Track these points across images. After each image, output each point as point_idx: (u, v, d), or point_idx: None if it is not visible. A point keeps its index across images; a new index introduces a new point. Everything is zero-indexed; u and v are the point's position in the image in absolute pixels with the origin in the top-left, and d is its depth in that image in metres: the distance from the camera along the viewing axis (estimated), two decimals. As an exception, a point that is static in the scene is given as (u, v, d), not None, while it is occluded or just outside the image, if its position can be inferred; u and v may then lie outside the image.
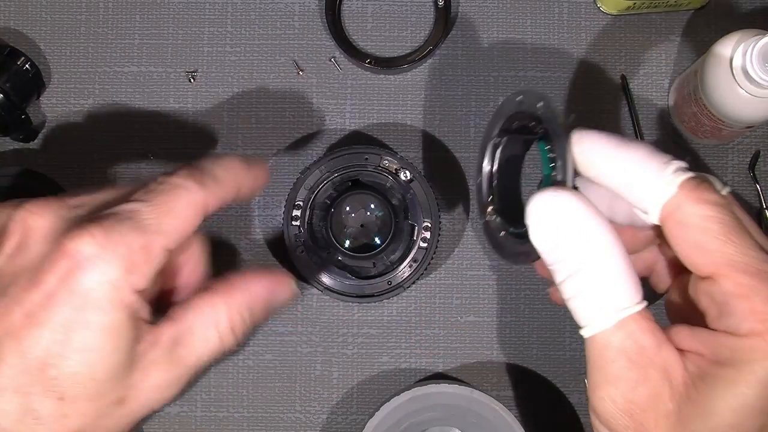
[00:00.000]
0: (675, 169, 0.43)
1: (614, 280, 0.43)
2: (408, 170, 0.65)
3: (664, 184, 0.43)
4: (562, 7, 0.71)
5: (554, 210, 0.43)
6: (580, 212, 0.43)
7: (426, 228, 0.65)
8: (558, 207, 0.43)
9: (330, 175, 0.65)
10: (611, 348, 0.43)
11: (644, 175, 0.43)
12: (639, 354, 0.42)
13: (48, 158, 0.70)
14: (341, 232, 0.66)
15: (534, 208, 0.43)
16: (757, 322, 0.41)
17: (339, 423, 0.69)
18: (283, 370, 0.69)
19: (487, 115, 0.70)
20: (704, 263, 0.42)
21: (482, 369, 0.69)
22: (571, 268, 0.43)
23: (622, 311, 0.43)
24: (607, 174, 0.44)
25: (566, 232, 0.43)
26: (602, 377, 0.43)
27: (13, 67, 0.67)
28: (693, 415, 0.42)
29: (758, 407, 0.41)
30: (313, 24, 0.71)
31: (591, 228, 0.43)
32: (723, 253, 0.42)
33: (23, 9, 0.71)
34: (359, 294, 0.65)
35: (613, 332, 0.43)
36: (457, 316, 0.69)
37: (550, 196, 0.43)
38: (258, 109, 0.70)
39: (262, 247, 0.70)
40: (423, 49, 0.70)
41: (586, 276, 0.43)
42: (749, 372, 0.41)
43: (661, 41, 0.70)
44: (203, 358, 0.47)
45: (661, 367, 0.42)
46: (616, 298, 0.43)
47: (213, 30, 0.71)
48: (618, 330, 0.43)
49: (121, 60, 0.70)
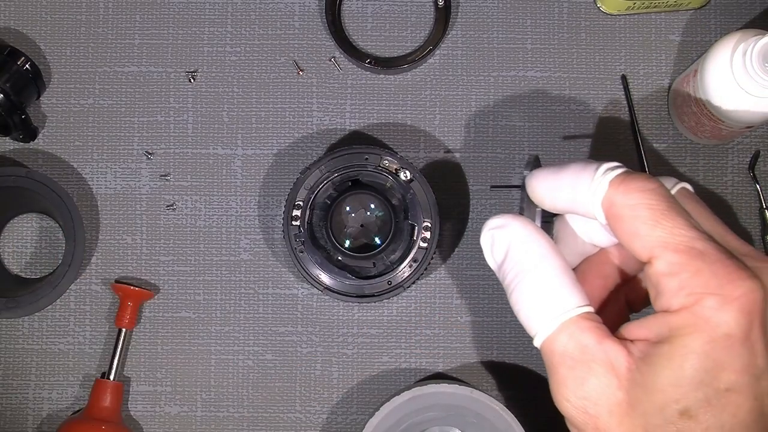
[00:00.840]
0: (604, 170, 0.45)
1: (551, 288, 0.46)
2: (408, 170, 0.65)
3: (596, 186, 0.45)
4: (562, 7, 0.71)
5: (497, 231, 0.48)
6: (517, 231, 0.47)
7: (426, 228, 0.65)
8: (499, 228, 0.48)
9: (330, 175, 0.65)
10: (556, 352, 0.45)
11: (581, 186, 0.46)
12: (581, 352, 0.45)
13: (48, 158, 0.70)
14: (341, 232, 0.66)
15: (483, 231, 0.49)
16: (685, 296, 0.42)
17: (339, 423, 0.69)
18: (283, 370, 0.69)
19: (487, 115, 0.70)
20: (639, 248, 0.44)
21: (482, 369, 0.69)
22: (513, 283, 0.47)
23: (561, 316, 0.45)
24: (557, 200, 0.48)
25: (507, 250, 0.47)
26: (555, 381, 0.46)
27: (13, 67, 0.67)
28: (641, 397, 0.43)
29: (697, 379, 0.42)
30: (313, 24, 0.71)
31: (526, 243, 0.47)
32: (653, 237, 0.43)
33: (23, 9, 0.71)
34: (359, 294, 0.65)
35: (555, 336, 0.45)
36: (457, 316, 0.69)
37: (493, 220, 0.48)
38: (258, 109, 0.70)
39: (262, 247, 0.70)
40: (423, 49, 0.70)
41: (526, 287, 0.46)
42: (682, 345, 0.42)
43: (661, 41, 0.70)
44: None
45: (603, 360, 0.44)
46: (554, 304, 0.46)
47: (213, 30, 0.71)
48: (560, 333, 0.45)
49: (121, 60, 0.70)
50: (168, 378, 0.69)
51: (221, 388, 0.69)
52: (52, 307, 0.69)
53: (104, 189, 0.70)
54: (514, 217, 0.48)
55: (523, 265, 0.47)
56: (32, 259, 0.70)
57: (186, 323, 0.69)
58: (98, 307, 0.69)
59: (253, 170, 0.70)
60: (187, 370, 0.69)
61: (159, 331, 0.69)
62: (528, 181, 0.49)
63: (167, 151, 0.70)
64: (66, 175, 0.70)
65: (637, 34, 0.70)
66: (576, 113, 0.70)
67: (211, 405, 0.69)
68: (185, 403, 0.69)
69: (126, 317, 0.68)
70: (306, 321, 0.69)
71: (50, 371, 0.69)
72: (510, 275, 0.47)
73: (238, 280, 0.69)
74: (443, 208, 0.69)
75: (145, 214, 0.70)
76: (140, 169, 0.70)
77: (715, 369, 0.42)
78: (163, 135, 0.70)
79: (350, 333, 0.69)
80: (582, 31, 0.71)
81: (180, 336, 0.69)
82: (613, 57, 0.70)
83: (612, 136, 0.70)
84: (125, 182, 0.70)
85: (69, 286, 0.67)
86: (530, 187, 0.49)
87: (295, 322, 0.69)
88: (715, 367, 0.42)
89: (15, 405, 0.69)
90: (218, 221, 0.70)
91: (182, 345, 0.69)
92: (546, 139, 0.70)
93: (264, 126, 0.70)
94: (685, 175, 0.70)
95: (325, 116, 0.70)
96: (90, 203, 0.70)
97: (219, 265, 0.70)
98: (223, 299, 0.69)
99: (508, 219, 0.48)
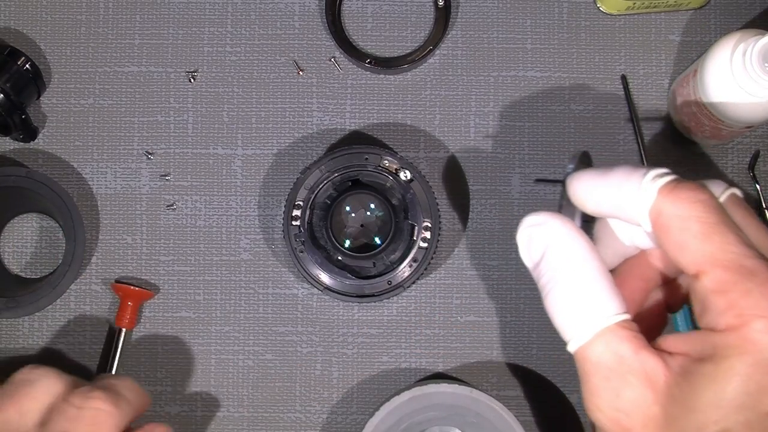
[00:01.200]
0: (653, 177, 0.44)
1: (589, 293, 0.44)
2: (408, 170, 0.65)
3: (644, 193, 0.44)
4: (562, 7, 0.71)
5: (535, 229, 0.46)
6: (556, 230, 0.46)
7: (426, 228, 0.65)
8: (538, 226, 0.46)
9: (330, 175, 0.65)
10: (591, 360, 0.44)
11: (628, 192, 0.45)
12: (617, 363, 0.43)
13: (48, 158, 0.70)
14: (341, 232, 0.66)
15: (521, 228, 0.47)
16: (733, 317, 0.41)
17: (339, 423, 0.69)
18: (283, 370, 0.69)
19: (487, 115, 0.70)
20: (687, 263, 0.43)
21: (482, 369, 0.69)
22: (549, 284, 0.45)
23: (598, 323, 0.44)
24: (600, 204, 0.46)
25: (545, 249, 0.46)
26: (588, 389, 0.44)
27: (13, 67, 0.67)
28: (678, 414, 0.42)
29: (739, 402, 0.41)
30: (313, 24, 0.71)
31: (565, 244, 0.45)
32: (703, 252, 0.42)
33: (23, 9, 0.71)
34: (359, 294, 0.65)
35: (591, 345, 0.44)
36: (457, 316, 0.69)
37: (531, 217, 0.46)
38: (258, 109, 0.70)
39: (262, 247, 0.70)
40: (423, 49, 0.70)
41: (563, 291, 0.45)
42: (727, 367, 0.41)
43: (661, 41, 0.70)
44: None
45: (640, 371, 0.43)
46: (592, 311, 0.44)
47: (213, 30, 0.71)
48: (596, 342, 0.44)
49: (121, 60, 0.70)
50: (168, 378, 0.69)
51: (221, 388, 0.69)
52: (52, 307, 0.69)
53: (104, 189, 0.70)
54: (553, 216, 0.46)
55: (560, 267, 0.45)
56: (32, 259, 0.70)
57: (186, 323, 0.69)
58: (98, 307, 0.69)
59: (253, 170, 0.70)
60: (187, 370, 0.69)
61: (159, 331, 0.69)
62: (569, 183, 0.47)
63: (167, 151, 0.70)
64: (66, 175, 0.70)
65: (637, 34, 0.70)
66: (576, 113, 0.70)
67: (211, 405, 0.69)
68: (185, 403, 0.69)
69: (126, 317, 0.68)
70: (306, 321, 0.69)
71: (50, 371, 0.69)
72: (546, 276, 0.46)
73: (238, 280, 0.69)
74: (443, 208, 0.69)
75: (145, 214, 0.70)
76: (140, 169, 0.70)
77: (759, 393, 0.41)
78: (163, 135, 0.70)
79: (350, 333, 0.69)
80: (582, 31, 0.71)
81: (180, 336, 0.69)
82: (613, 57, 0.70)
83: (612, 136, 0.70)
84: (125, 182, 0.70)
85: (69, 286, 0.67)
86: (572, 189, 0.47)
87: (295, 322, 0.69)
88: (758, 390, 0.41)
89: (15, 405, 0.69)
90: (218, 221, 0.70)
91: (182, 345, 0.69)
92: (546, 140, 0.70)
93: (264, 126, 0.70)
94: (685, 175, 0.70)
95: (325, 116, 0.70)
96: (90, 203, 0.70)
97: (219, 265, 0.70)
98: (223, 299, 0.69)
99: (547, 217, 0.46)
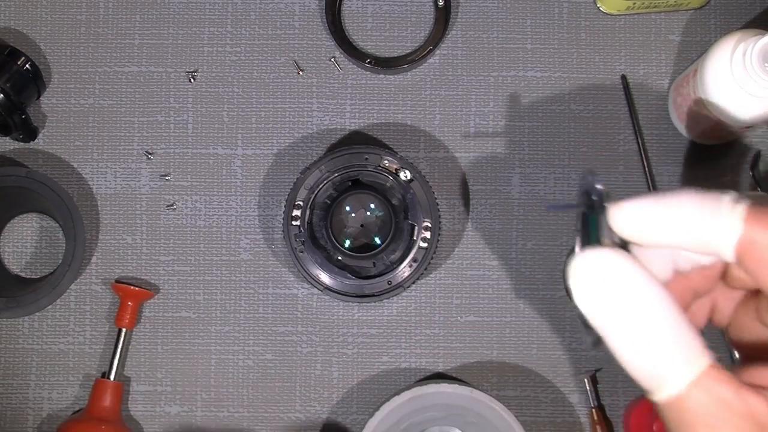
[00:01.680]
0: (730, 201, 0.41)
1: (677, 336, 0.40)
2: (408, 170, 0.65)
3: (727, 222, 0.41)
4: (562, 7, 0.71)
5: (597, 269, 0.41)
6: (626, 269, 0.40)
7: (426, 228, 0.65)
8: (600, 267, 0.41)
9: (330, 175, 0.65)
10: (692, 410, 0.40)
11: (703, 222, 0.41)
12: (722, 407, 0.40)
13: (48, 158, 0.70)
14: (341, 232, 0.66)
15: (577, 266, 0.41)
16: None
17: (339, 423, 0.69)
18: (283, 370, 0.69)
19: (487, 115, 0.70)
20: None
21: (482, 369, 0.69)
22: (627, 331, 0.40)
23: (693, 368, 0.40)
24: (665, 236, 0.42)
25: (615, 292, 0.40)
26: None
27: (13, 67, 0.67)
28: None
29: None
30: (313, 24, 0.71)
31: (641, 285, 0.40)
32: None
33: (23, 9, 0.71)
34: (359, 294, 0.65)
35: (688, 392, 0.40)
36: (457, 316, 0.69)
37: (593, 254, 0.41)
38: (258, 109, 0.70)
39: (262, 247, 0.70)
40: (423, 49, 0.70)
41: (647, 339, 0.40)
42: None
43: (661, 41, 0.70)
44: None
45: (746, 414, 0.40)
46: (683, 355, 0.40)
47: (213, 30, 0.71)
48: (693, 389, 0.40)
49: (121, 60, 0.70)
50: (168, 378, 0.69)
51: (221, 388, 0.69)
52: (52, 307, 0.69)
53: (104, 189, 0.70)
54: (616, 252, 0.41)
55: (639, 312, 0.40)
56: (32, 259, 0.70)
57: (186, 323, 0.69)
58: (98, 307, 0.69)
59: (253, 170, 0.70)
60: (187, 370, 0.69)
61: (159, 331, 0.69)
62: (616, 213, 0.42)
63: (167, 151, 0.70)
64: (66, 175, 0.70)
65: (637, 34, 0.70)
66: (576, 113, 0.70)
67: (211, 405, 0.69)
68: (185, 403, 0.69)
69: (126, 317, 0.68)
70: (306, 321, 0.69)
71: (50, 371, 0.69)
72: (620, 323, 0.40)
73: (238, 280, 0.70)
74: (443, 208, 0.69)
75: (145, 214, 0.70)
76: (140, 169, 0.70)
77: None
78: (163, 135, 0.70)
79: (350, 333, 0.69)
80: (582, 31, 0.71)
81: (180, 336, 0.69)
82: (613, 57, 0.70)
83: (612, 136, 0.70)
84: (125, 182, 0.70)
85: (69, 286, 0.67)
86: (622, 220, 0.42)
87: (295, 322, 0.69)
88: None
89: (15, 405, 0.69)
90: (218, 221, 0.70)
91: (182, 345, 0.69)
92: (546, 140, 0.70)
93: (264, 126, 0.70)
94: (686, 175, 0.70)
95: (325, 116, 0.70)
96: (90, 203, 0.70)
97: (219, 265, 0.70)
98: (223, 299, 0.69)
99: (608, 254, 0.41)
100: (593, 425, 0.68)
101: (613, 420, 0.68)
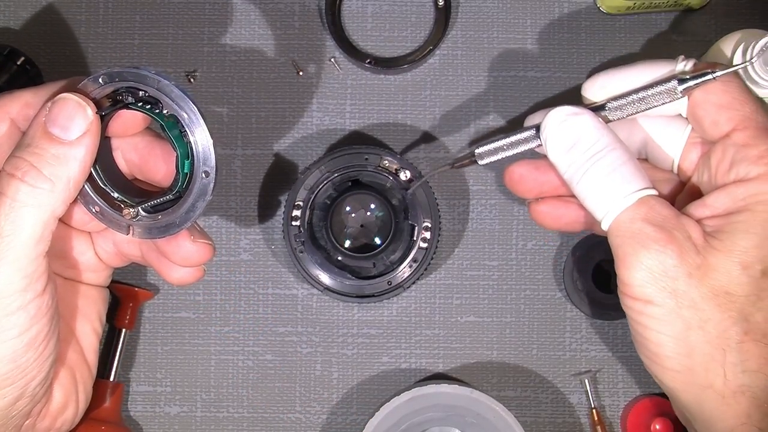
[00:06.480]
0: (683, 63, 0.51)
1: (627, 167, 0.49)
2: (408, 170, 0.65)
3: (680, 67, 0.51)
4: (562, 7, 0.71)
5: (572, 117, 0.51)
6: (591, 118, 0.51)
7: (426, 228, 0.65)
8: (575, 115, 0.51)
9: (330, 175, 0.65)
10: (637, 220, 0.48)
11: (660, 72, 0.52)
12: (663, 220, 0.48)
13: (48, 158, 0.70)
14: (341, 232, 0.66)
15: (551, 118, 0.51)
16: (765, 164, 0.47)
17: (339, 423, 0.69)
18: (283, 370, 0.69)
19: (487, 115, 0.70)
20: (725, 120, 0.49)
21: (482, 369, 0.69)
22: (583, 168, 0.50)
23: (641, 191, 0.49)
24: None
25: (579, 135, 0.51)
26: (633, 248, 0.48)
27: (13, 67, 0.67)
28: (721, 260, 0.47)
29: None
30: (313, 24, 0.71)
31: (601, 129, 0.51)
32: (741, 112, 0.49)
33: (23, 9, 0.71)
34: (359, 294, 0.65)
35: (636, 208, 0.49)
36: (457, 316, 0.69)
37: (566, 108, 0.51)
38: (258, 109, 0.70)
39: (262, 247, 0.70)
40: (423, 49, 0.70)
41: (602, 167, 0.50)
42: (762, 211, 0.47)
43: (661, 41, 0.70)
44: None
45: (682, 229, 0.48)
46: (632, 181, 0.49)
47: (213, 30, 0.71)
48: (641, 205, 0.49)
49: (121, 60, 0.70)
50: (168, 378, 0.69)
51: (221, 388, 0.69)
52: (52, 307, 0.69)
53: (104, 189, 0.70)
54: (584, 108, 0.51)
55: (598, 148, 0.50)
56: (32, 259, 0.70)
57: (186, 323, 0.69)
58: (98, 307, 0.69)
59: (253, 170, 0.70)
60: (187, 370, 0.69)
61: (159, 331, 0.69)
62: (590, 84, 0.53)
63: (167, 151, 0.70)
64: (66, 175, 0.70)
65: (637, 34, 0.70)
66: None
67: (211, 405, 0.69)
68: (185, 403, 0.69)
69: (126, 317, 0.68)
70: (306, 321, 0.69)
71: (50, 371, 0.69)
72: (578, 162, 0.50)
73: (238, 280, 0.69)
74: (443, 208, 0.69)
75: (145, 214, 0.70)
76: (140, 169, 0.70)
77: None
78: (163, 135, 0.70)
79: (350, 333, 0.69)
80: (582, 31, 0.71)
81: (180, 336, 0.69)
82: (613, 57, 0.70)
83: (612, 136, 0.70)
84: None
85: (69, 286, 0.67)
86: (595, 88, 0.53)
87: (295, 322, 0.69)
88: None
89: (15, 405, 0.69)
90: (218, 221, 0.70)
91: (182, 345, 0.69)
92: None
93: (264, 126, 0.70)
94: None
95: (325, 116, 0.70)
96: (90, 203, 0.70)
97: (219, 265, 0.70)
98: (223, 299, 0.69)
99: (579, 109, 0.51)
100: (593, 425, 0.68)
101: (613, 420, 0.68)
